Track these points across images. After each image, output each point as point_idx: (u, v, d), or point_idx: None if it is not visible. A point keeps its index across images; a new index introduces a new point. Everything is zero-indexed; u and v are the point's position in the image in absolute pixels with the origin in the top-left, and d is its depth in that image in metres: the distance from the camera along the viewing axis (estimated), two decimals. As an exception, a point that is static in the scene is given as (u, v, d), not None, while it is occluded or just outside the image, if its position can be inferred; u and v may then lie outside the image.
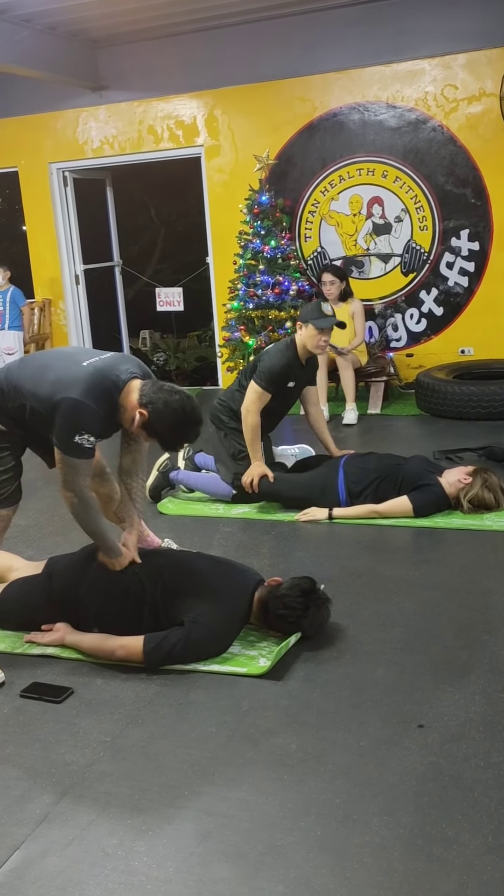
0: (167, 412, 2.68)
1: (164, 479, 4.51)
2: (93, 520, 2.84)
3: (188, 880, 1.86)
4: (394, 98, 6.85)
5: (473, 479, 4.01)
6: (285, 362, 4.23)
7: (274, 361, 4.22)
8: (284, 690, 2.61)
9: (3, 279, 7.24)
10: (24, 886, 1.87)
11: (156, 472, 4.49)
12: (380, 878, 1.83)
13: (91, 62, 7.56)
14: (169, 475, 4.50)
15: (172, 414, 2.68)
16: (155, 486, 4.48)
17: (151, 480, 4.45)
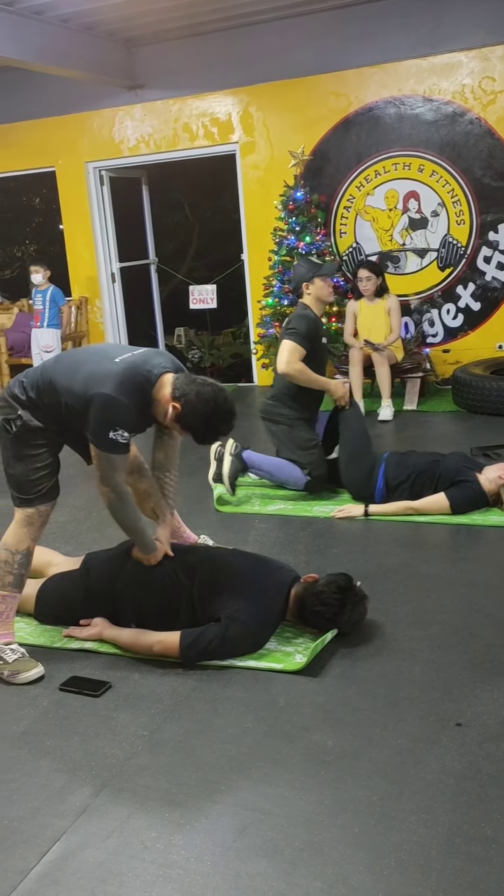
0: (200, 404, 2.69)
1: (240, 462, 4.36)
2: (129, 515, 2.86)
3: (226, 874, 1.87)
4: (430, 91, 6.79)
5: None
6: (312, 318, 4.35)
7: (300, 322, 4.29)
8: (321, 687, 2.61)
9: (42, 278, 7.31)
10: (65, 877, 1.90)
11: (229, 456, 4.34)
12: (418, 877, 1.83)
13: (127, 61, 7.60)
14: (242, 456, 4.37)
15: (205, 406, 2.69)
16: (233, 471, 4.33)
17: (228, 467, 4.31)
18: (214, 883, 1.85)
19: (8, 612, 2.85)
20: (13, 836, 2.04)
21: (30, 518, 2.83)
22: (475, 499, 3.97)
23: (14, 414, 2.77)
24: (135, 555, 2.96)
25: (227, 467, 4.33)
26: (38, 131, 8.14)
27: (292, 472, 4.35)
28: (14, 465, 2.82)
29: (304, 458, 4.30)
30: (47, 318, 7.35)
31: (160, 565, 2.95)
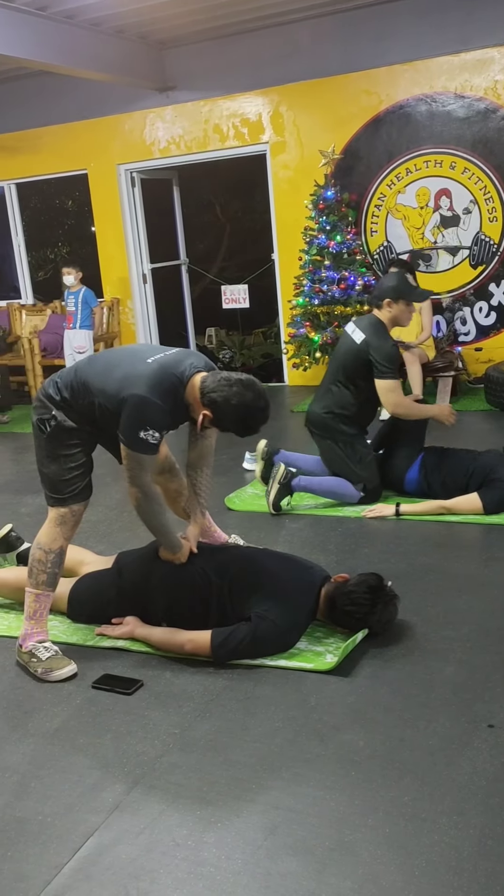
0: (229, 409, 2.70)
1: (286, 490, 4.28)
2: (156, 515, 2.88)
3: (256, 873, 1.88)
4: (462, 88, 6.74)
5: None
6: (392, 342, 4.21)
7: (387, 348, 4.12)
8: (351, 687, 2.61)
9: (75, 280, 7.37)
10: (98, 873, 1.92)
11: (277, 484, 4.25)
12: (449, 878, 1.82)
13: (158, 63, 7.65)
14: (290, 484, 4.28)
15: (234, 409, 2.70)
16: (277, 498, 4.23)
17: (273, 494, 4.24)
18: (245, 881, 1.86)
19: (42, 610, 2.89)
20: (47, 831, 2.07)
21: (63, 517, 2.87)
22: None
23: (48, 414, 2.81)
24: (162, 555, 2.98)
25: (272, 495, 4.24)
26: (70, 134, 8.22)
27: (346, 490, 4.27)
28: (48, 464, 2.86)
29: (362, 472, 4.23)
30: (79, 319, 7.41)
31: (191, 564, 2.97)
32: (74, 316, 7.41)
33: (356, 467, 4.24)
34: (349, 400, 4.25)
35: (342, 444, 4.27)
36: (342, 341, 4.37)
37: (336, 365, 4.33)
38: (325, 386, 4.39)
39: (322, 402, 4.35)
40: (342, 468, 4.29)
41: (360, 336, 4.20)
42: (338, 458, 4.29)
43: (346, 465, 4.27)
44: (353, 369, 4.22)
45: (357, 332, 4.23)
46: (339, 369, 4.30)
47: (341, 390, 4.27)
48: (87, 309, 7.41)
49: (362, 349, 4.16)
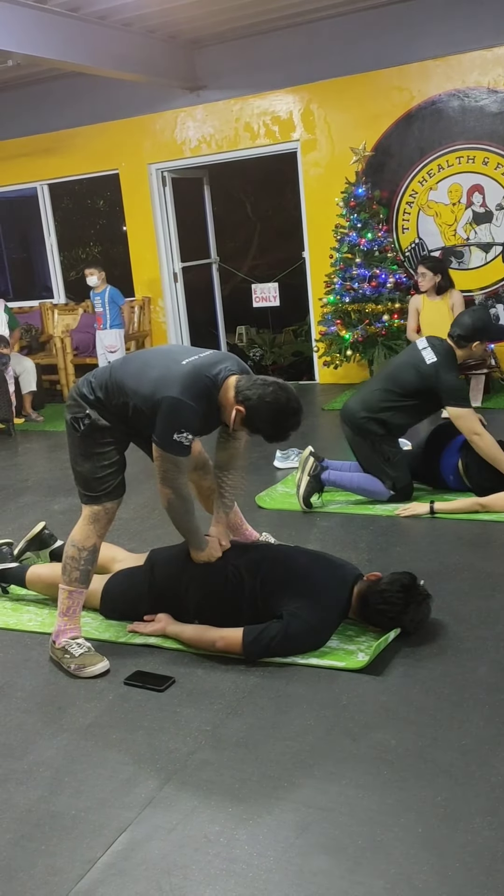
0: (263, 407, 2.70)
1: (317, 483, 4.29)
2: (187, 516, 2.89)
3: (288, 870, 1.88)
4: (495, 83, 6.67)
5: None
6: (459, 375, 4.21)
7: (455, 381, 4.13)
8: (383, 686, 2.60)
9: (98, 280, 7.40)
10: (131, 868, 1.93)
11: (307, 476, 4.26)
12: (483, 879, 1.81)
13: (189, 63, 7.67)
14: (321, 477, 4.30)
15: (269, 407, 2.71)
16: (308, 492, 4.24)
17: (303, 487, 4.24)
18: (277, 878, 1.86)
19: (75, 607, 2.92)
20: (81, 825, 2.09)
21: (96, 515, 2.89)
22: None
23: (82, 412, 2.83)
24: (193, 557, 2.99)
25: (302, 488, 4.24)
26: (101, 135, 8.28)
27: (375, 487, 4.26)
28: (82, 462, 2.88)
29: (391, 471, 4.22)
30: (109, 318, 7.45)
31: (223, 562, 2.97)
32: (103, 316, 7.46)
33: (385, 466, 4.23)
34: (391, 408, 4.21)
35: (371, 443, 4.25)
36: (408, 353, 4.34)
37: (391, 372, 4.33)
38: (371, 387, 4.38)
39: (363, 401, 4.30)
40: (373, 465, 4.27)
41: (430, 357, 4.15)
42: (369, 456, 4.28)
43: (376, 463, 4.26)
44: (409, 384, 4.18)
45: (429, 351, 4.18)
46: (393, 378, 4.27)
47: (387, 397, 4.22)
48: (115, 307, 7.44)
49: (429, 372, 4.12)
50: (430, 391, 4.12)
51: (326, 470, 4.30)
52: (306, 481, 4.26)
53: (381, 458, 4.22)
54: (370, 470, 4.29)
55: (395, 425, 4.25)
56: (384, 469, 4.23)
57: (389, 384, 4.26)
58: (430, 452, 4.33)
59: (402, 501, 4.21)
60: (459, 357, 4.17)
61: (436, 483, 4.34)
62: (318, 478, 4.28)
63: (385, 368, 4.49)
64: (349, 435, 4.36)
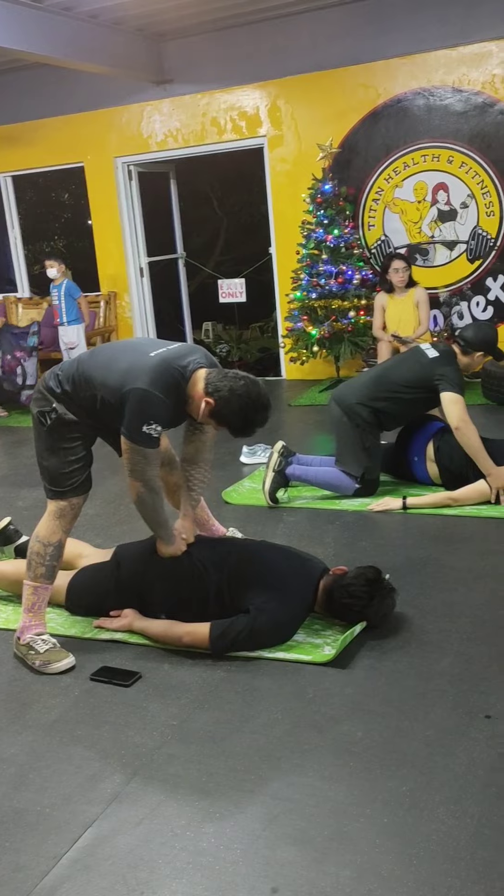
0: (233, 399, 2.70)
1: (282, 479, 4.30)
2: (157, 510, 2.88)
3: (255, 862, 1.89)
4: (460, 82, 6.73)
5: None
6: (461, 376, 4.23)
7: (457, 373, 4.14)
8: (349, 679, 2.62)
9: (58, 272, 7.32)
10: (97, 863, 1.92)
11: (272, 472, 4.28)
12: (447, 866, 1.83)
13: (155, 56, 7.62)
14: (285, 472, 4.30)
15: (238, 400, 2.71)
16: (273, 487, 4.26)
17: (269, 483, 4.26)
18: (244, 871, 1.87)
19: (40, 603, 2.89)
20: (45, 822, 2.08)
21: (62, 510, 2.87)
22: None
23: (49, 406, 2.81)
24: (159, 550, 2.98)
25: (268, 484, 4.26)
26: (66, 127, 8.20)
27: (341, 482, 4.28)
28: (48, 457, 2.86)
29: (365, 460, 4.24)
30: (65, 312, 7.38)
31: (189, 557, 2.97)
32: (59, 310, 7.39)
33: (362, 453, 4.25)
34: (388, 398, 4.23)
35: (356, 427, 4.25)
36: (410, 352, 4.39)
37: (391, 365, 4.39)
38: (368, 376, 4.42)
39: (359, 389, 4.33)
40: (350, 450, 4.27)
41: (433, 353, 4.20)
42: (348, 439, 4.28)
43: (353, 448, 4.26)
44: (409, 375, 4.19)
45: (432, 350, 4.24)
46: (393, 369, 4.32)
47: (385, 386, 4.24)
48: (71, 301, 7.36)
49: (430, 364, 4.15)
50: (429, 383, 4.12)
51: (291, 465, 4.32)
52: (271, 477, 4.28)
53: (360, 446, 4.24)
54: (345, 455, 4.30)
55: (388, 415, 4.27)
56: (359, 456, 4.24)
57: (388, 374, 4.30)
58: (402, 438, 4.39)
59: (367, 495, 4.24)
60: (461, 363, 4.20)
61: (402, 471, 4.38)
62: (283, 473, 4.30)
63: (385, 363, 4.54)
64: (337, 416, 4.35)
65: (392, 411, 4.26)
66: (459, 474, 4.11)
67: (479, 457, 4.01)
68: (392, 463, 4.42)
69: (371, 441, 4.25)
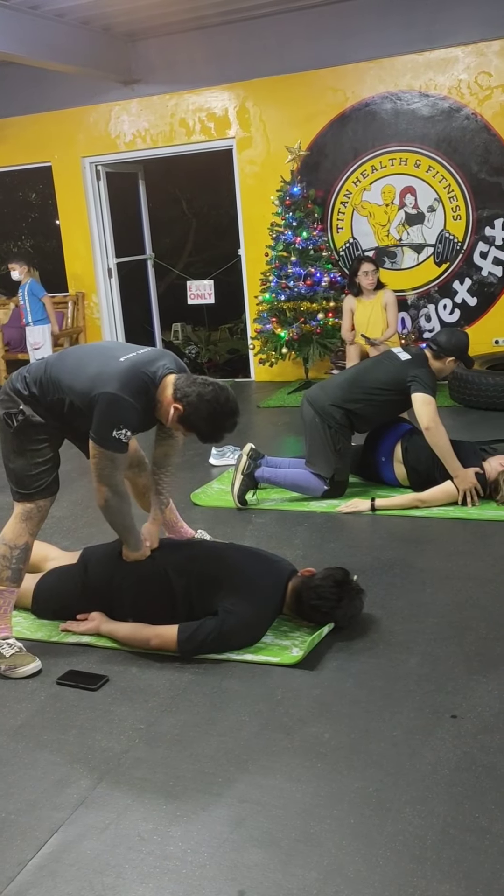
0: (202, 405, 2.70)
1: (251, 481, 4.31)
2: (123, 514, 2.87)
3: (222, 865, 1.88)
4: (427, 86, 6.79)
5: None
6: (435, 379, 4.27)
7: (430, 376, 4.18)
8: (317, 680, 2.62)
9: (20, 274, 7.28)
10: (63, 869, 1.91)
11: (240, 475, 4.28)
12: (412, 866, 1.84)
13: (123, 56, 7.59)
14: (254, 475, 4.31)
15: (207, 406, 2.70)
16: (242, 490, 4.26)
17: (237, 485, 4.26)
18: (211, 874, 1.86)
19: (5, 606, 2.86)
20: (10, 828, 2.05)
21: (29, 513, 2.84)
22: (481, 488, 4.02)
23: (16, 408, 2.78)
24: (125, 555, 2.97)
25: (237, 486, 4.26)
26: (33, 126, 8.13)
27: (309, 484, 4.29)
28: (14, 459, 2.83)
29: (336, 461, 4.25)
30: (30, 312, 7.33)
31: (153, 560, 2.96)
32: (25, 310, 7.35)
33: (332, 454, 4.26)
34: (361, 400, 4.25)
35: (328, 428, 4.26)
36: (383, 355, 4.45)
37: (364, 367, 4.43)
38: (342, 378, 4.44)
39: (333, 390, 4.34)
40: (320, 451, 4.28)
41: (405, 356, 4.27)
42: (320, 441, 4.29)
43: (324, 449, 4.27)
44: (382, 377, 4.22)
45: (404, 353, 4.31)
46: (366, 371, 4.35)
47: (359, 388, 4.26)
48: (35, 300, 7.32)
49: (402, 366, 4.20)
50: (402, 385, 4.16)
51: (260, 468, 4.32)
52: (240, 480, 4.28)
53: (331, 447, 4.25)
54: (316, 457, 4.30)
55: (360, 417, 4.29)
56: (330, 458, 4.25)
57: (363, 377, 4.32)
58: (370, 440, 4.42)
59: (336, 497, 4.26)
60: (433, 367, 4.23)
61: (369, 473, 4.41)
62: (252, 475, 4.30)
63: (358, 366, 4.59)
64: (309, 417, 4.35)
65: (365, 413, 4.28)
66: (426, 475, 4.15)
67: (448, 458, 4.04)
68: (359, 464, 4.45)
69: (342, 443, 4.27)
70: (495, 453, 4.55)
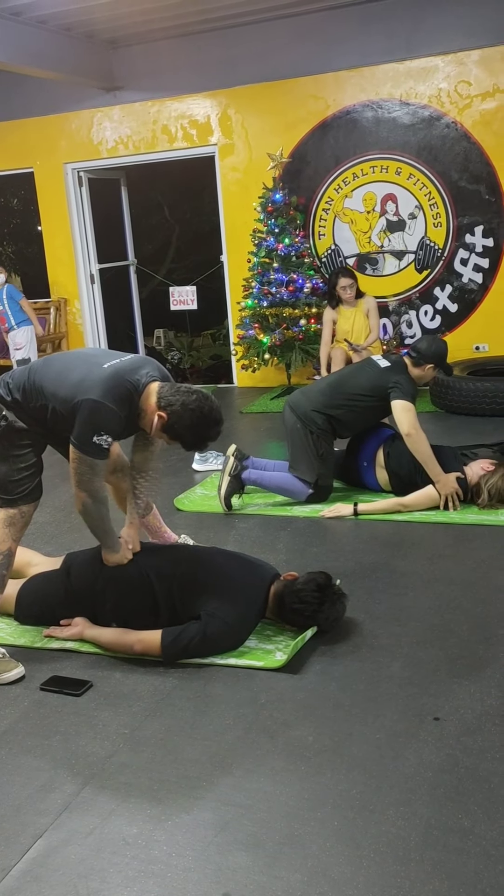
0: (186, 414, 2.71)
1: (237, 483, 4.32)
2: (102, 519, 2.88)
3: (206, 869, 1.89)
4: (407, 95, 6.86)
5: (496, 468, 4.04)
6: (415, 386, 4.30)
7: (410, 383, 4.22)
8: (301, 684, 2.63)
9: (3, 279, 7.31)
10: (47, 874, 1.91)
11: (227, 476, 4.29)
12: (396, 868, 1.86)
13: (105, 63, 7.60)
14: (241, 477, 4.32)
15: (191, 415, 2.72)
16: (228, 492, 4.28)
17: (224, 487, 4.27)
18: (196, 877, 1.87)
19: (-12, 612, 2.86)
20: (-5, 834, 2.05)
21: (12, 518, 2.84)
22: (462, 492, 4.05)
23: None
24: (105, 560, 2.97)
25: (223, 488, 4.28)
26: (15, 132, 8.12)
27: (294, 487, 4.31)
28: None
29: (319, 466, 4.27)
30: (11, 316, 7.34)
31: (134, 565, 2.96)
32: (6, 315, 7.35)
33: (315, 460, 4.28)
34: (342, 405, 4.28)
35: (310, 433, 4.28)
36: (363, 362, 4.47)
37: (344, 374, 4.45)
38: (322, 386, 4.45)
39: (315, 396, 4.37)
40: (304, 456, 4.30)
41: (385, 363, 4.32)
42: (303, 446, 4.31)
43: (306, 455, 4.29)
44: (363, 383, 4.26)
45: (383, 360, 4.36)
46: (347, 378, 4.38)
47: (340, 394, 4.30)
48: (14, 304, 7.33)
49: (382, 373, 4.24)
50: (383, 391, 4.19)
51: (247, 469, 4.34)
52: (227, 481, 4.30)
53: (313, 452, 4.27)
54: (299, 462, 4.32)
55: (342, 423, 4.31)
56: (313, 463, 4.27)
57: (344, 383, 4.35)
58: (352, 445, 4.45)
59: (320, 502, 4.28)
60: (412, 374, 4.28)
61: (351, 477, 4.44)
62: (239, 477, 4.31)
63: (339, 372, 4.63)
64: (291, 423, 4.37)
65: (346, 419, 4.30)
66: (408, 480, 4.18)
67: (429, 463, 4.08)
68: (342, 469, 4.47)
69: (325, 448, 4.30)
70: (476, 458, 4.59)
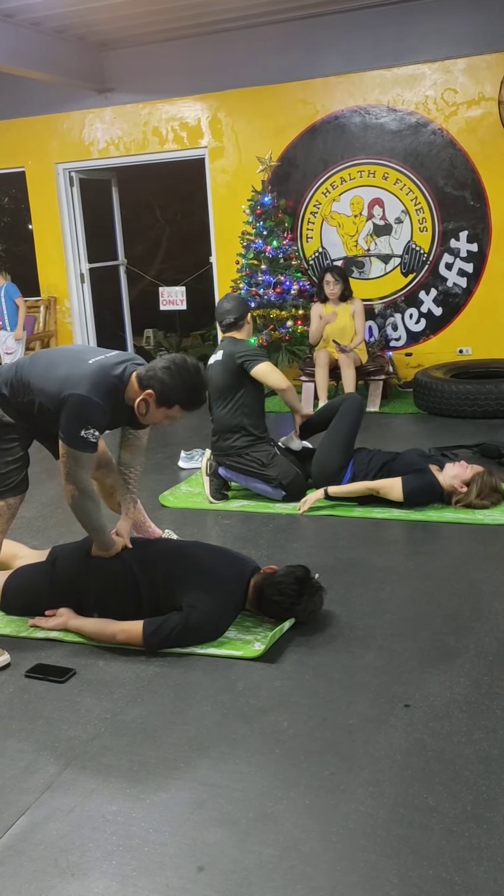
0: (166, 377, 2.79)
1: (218, 479, 4.46)
2: (91, 512, 2.95)
3: (182, 843, 1.97)
4: (394, 101, 6.96)
5: (469, 488, 4.11)
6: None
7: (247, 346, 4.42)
8: (278, 672, 2.72)
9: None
10: (29, 848, 1.98)
11: (206, 476, 4.45)
12: (364, 843, 1.95)
13: (97, 65, 7.68)
14: (218, 472, 4.46)
15: (171, 375, 2.79)
16: (213, 489, 4.44)
17: (208, 486, 4.43)
18: (172, 851, 1.95)
19: (-25, 602, 2.93)
20: (-21, 811, 2.12)
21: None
22: (428, 488, 4.12)
23: (-15, 409, 2.85)
24: (94, 552, 3.05)
25: (207, 488, 4.42)
26: (8, 132, 8.18)
27: (267, 491, 4.44)
28: (-17, 458, 2.90)
29: (271, 472, 4.37)
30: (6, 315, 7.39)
31: (123, 558, 3.04)
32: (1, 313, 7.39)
33: (263, 470, 4.38)
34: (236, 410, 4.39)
35: (239, 458, 4.39)
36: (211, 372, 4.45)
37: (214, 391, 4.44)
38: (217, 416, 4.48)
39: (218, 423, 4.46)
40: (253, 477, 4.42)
41: (218, 356, 4.45)
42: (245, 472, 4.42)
43: (255, 475, 4.40)
44: (228, 379, 4.37)
45: (218, 354, 4.48)
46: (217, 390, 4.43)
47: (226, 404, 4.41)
48: (11, 303, 7.39)
49: (226, 358, 4.37)
50: (239, 372, 4.32)
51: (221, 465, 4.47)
52: (208, 481, 4.43)
53: (256, 467, 4.39)
54: (254, 483, 4.46)
55: (251, 423, 4.41)
56: (264, 474, 4.38)
57: (219, 395, 4.44)
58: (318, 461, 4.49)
59: (296, 499, 4.36)
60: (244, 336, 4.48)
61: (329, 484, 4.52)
62: (217, 474, 4.45)
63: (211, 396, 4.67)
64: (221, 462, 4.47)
65: (250, 417, 4.41)
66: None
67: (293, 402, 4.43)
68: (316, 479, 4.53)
69: (262, 454, 4.39)
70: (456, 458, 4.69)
